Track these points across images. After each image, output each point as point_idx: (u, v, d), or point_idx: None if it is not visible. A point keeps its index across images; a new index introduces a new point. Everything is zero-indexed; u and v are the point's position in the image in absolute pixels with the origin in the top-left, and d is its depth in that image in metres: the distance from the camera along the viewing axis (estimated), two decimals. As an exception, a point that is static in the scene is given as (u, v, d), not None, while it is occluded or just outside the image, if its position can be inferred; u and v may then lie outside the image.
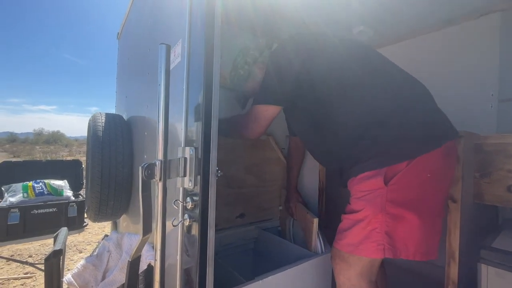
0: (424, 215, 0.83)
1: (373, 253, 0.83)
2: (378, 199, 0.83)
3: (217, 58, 0.70)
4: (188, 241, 0.75)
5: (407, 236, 0.83)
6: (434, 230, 0.87)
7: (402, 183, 0.82)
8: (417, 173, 0.82)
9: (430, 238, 0.86)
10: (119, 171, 1.32)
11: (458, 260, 0.93)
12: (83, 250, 3.11)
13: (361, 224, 0.85)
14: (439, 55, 1.55)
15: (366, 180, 0.86)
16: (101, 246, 1.16)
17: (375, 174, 0.84)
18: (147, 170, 0.61)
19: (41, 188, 1.85)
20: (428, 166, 0.83)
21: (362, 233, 0.85)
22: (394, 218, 0.82)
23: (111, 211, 1.36)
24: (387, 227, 0.82)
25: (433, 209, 0.86)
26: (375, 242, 0.83)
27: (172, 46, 0.88)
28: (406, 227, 0.82)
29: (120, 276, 0.94)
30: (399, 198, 0.82)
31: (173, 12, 0.93)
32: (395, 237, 0.83)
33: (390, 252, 0.82)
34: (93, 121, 1.42)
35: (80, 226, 1.88)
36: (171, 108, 0.72)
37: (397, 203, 0.82)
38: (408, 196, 0.83)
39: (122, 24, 1.93)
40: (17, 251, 2.96)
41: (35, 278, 2.41)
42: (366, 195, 0.86)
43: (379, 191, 0.83)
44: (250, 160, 1.55)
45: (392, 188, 0.82)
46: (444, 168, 0.87)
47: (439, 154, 0.83)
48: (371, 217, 0.84)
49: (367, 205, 0.85)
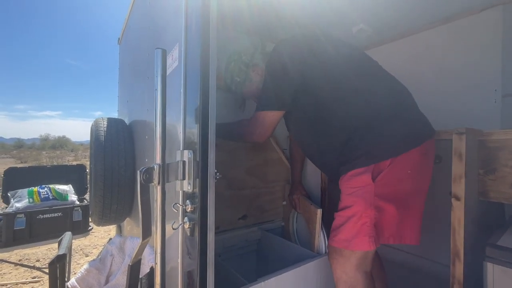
0: (400, 205, 0.92)
1: (366, 246, 0.89)
2: (367, 195, 0.89)
3: (214, 61, 0.70)
4: (189, 244, 0.75)
5: (385, 225, 0.92)
6: (410, 218, 0.96)
7: (387, 179, 0.90)
8: (400, 169, 0.90)
9: (405, 225, 0.95)
10: (121, 175, 1.33)
11: (463, 259, 0.91)
12: (89, 253, 3.14)
13: (353, 219, 0.91)
14: (440, 51, 1.53)
15: (355, 176, 0.92)
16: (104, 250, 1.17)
17: (364, 171, 0.90)
18: (145, 174, 0.62)
19: (46, 193, 1.87)
20: (409, 163, 0.91)
21: (354, 228, 0.91)
22: (380, 210, 0.90)
23: (114, 215, 1.37)
24: (375, 219, 0.90)
25: (411, 201, 0.95)
26: (366, 235, 0.89)
27: (170, 50, 0.88)
28: (386, 217, 0.91)
29: (123, 279, 0.95)
30: (384, 192, 0.90)
31: (170, 16, 0.93)
32: (378, 227, 0.91)
33: (378, 243, 0.91)
34: (95, 126, 1.44)
35: (85, 230, 1.89)
36: (169, 111, 0.72)
37: (382, 197, 0.90)
38: (391, 190, 0.91)
39: (123, 29, 1.95)
40: (25, 256, 3.00)
41: (42, 282, 2.44)
42: (356, 191, 0.91)
43: (368, 187, 0.90)
44: (251, 161, 1.55)
45: (379, 184, 0.89)
46: (422, 165, 0.94)
47: (418, 153, 0.92)
48: (362, 211, 0.90)
49: (357, 201, 0.91)
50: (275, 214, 1.68)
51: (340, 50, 1.02)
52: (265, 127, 1.06)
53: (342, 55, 1.02)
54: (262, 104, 1.04)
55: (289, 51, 1.00)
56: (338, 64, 0.99)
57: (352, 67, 0.99)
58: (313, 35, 1.06)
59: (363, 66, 1.02)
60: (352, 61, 1.01)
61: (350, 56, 1.03)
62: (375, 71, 1.03)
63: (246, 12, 1.37)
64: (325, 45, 1.02)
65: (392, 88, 1.00)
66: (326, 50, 1.01)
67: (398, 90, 1.01)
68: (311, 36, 1.06)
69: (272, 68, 1.03)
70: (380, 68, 1.04)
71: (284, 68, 0.98)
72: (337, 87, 0.97)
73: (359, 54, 1.06)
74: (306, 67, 0.98)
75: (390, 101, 0.96)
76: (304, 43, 1.03)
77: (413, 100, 1.02)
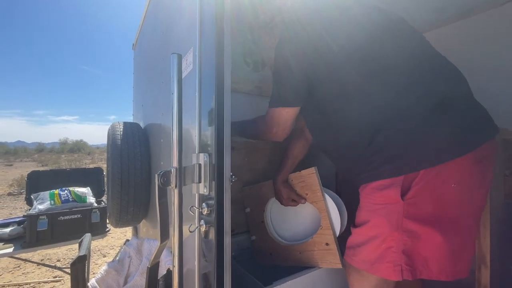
0: (449, 231, 0.72)
1: (390, 274, 0.74)
2: (394, 215, 0.73)
3: (228, 64, 0.70)
4: (205, 246, 0.76)
5: (428, 255, 0.73)
6: (464, 248, 0.74)
7: (422, 196, 0.71)
8: (440, 183, 0.70)
9: (458, 257, 0.74)
10: (137, 177, 1.36)
11: (490, 265, 0.87)
12: (107, 254, 3.23)
13: (375, 241, 0.76)
14: (461, 46, 1.48)
15: (379, 190, 0.75)
16: (122, 252, 1.20)
17: (391, 184, 0.73)
18: (163, 178, 0.62)
19: (66, 195, 1.93)
20: (454, 175, 0.70)
21: (376, 251, 0.76)
22: (412, 235, 0.72)
23: (131, 217, 1.40)
24: (404, 246, 0.73)
25: (463, 224, 0.73)
26: (391, 262, 0.74)
27: (184, 54, 0.89)
28: (427, 246, 0.72)
29: (141, 281, 0.97)
30: (418, 213, 0.72)
31: (184, 21, 0.95)
32: (414, 257, 0.73)
33: (409, 273, 0.73)
34: (112, 130, 1.48)
35: (103, 231, 1.94)
36: (185, 115, 0.73)
37: (416, 219, 0.72)
38: (429, 210, 0.72)
39: (137, 35, 2.00)
40: (47, 256, 3.12)
41: (63, 281, 2.53)
42: (380, 209, 0.75)
43: (395, 206, 0.73)
44: (267, 165, 1.54)
45: (409, 202, 0.71)
46: (475, 175, 0.72)
47: (469, 161, 0.69)
48: (386, 234, 0.74)
49: (381, 221, 0.75)
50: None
51: (372, 18, 0.82)
52: (281, 125, 0.95)
53: (375, 24, 0.80)
54: (273, 101, 0.93)
55: (295, 48, 0.85)
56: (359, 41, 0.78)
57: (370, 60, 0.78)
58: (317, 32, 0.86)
59: (386, 56, 0.77)
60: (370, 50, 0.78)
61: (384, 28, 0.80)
62: (406, 59, 0.78)
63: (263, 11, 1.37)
64: (331, 45, 0.82)
65: (438, 76, 0.76)
66: (331, 49, 0.81)
67: (445, 79, 0.76)
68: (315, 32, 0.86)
69: (281, 62, 0.88)
70: (414, 54, 0.79)
71: (292, 64, 0.85)
72: (358, 69, 0.77)
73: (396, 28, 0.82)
74: (311, 65, 0.83)
75: (429, 93, 0.73)
76: (308, 41, 0.84)
77: (467, 90, 0.78)
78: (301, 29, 0.84)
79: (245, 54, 1.57)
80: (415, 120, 0.71)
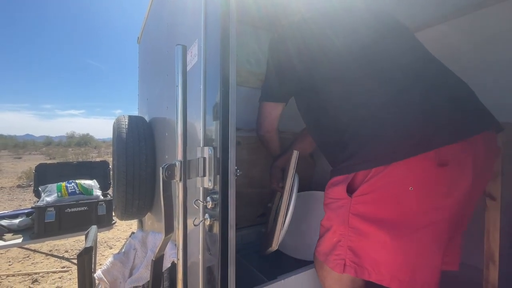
0: (404, 237, 0.67)
1: (334, 267, 0.76)
2: (342, 210, 0.74)
3: (233, 56, 0.69)
4: (210, 240, 0.76)
5: (378, 258, 0.70)
6: (428, 258, 0.68)
7: (372, 195, 0.69)
8: (392, 184, 0.66)
9: (419, 267, 0.68)
10: (142, 171, 1.37)
11: (499, 263, 0.85)
12: (113, 246, 3.29)
13: (328, 233, 0.79)
14: (472, 39, 1.43)
15: (334, 186, 0.78)
16: (128, 244, 1.21)
17: (342, 181, 0.74)
18: (168, 171, 0.62)
19: (73, 188, 1.96)
20: (409, 176, 0.65)
21: (330, 242, 0.78)
22: (359, 233, 0.71)
23: (136, 210, 1.42)
24: (351, 242, 0.73)
25: (428, 232, 0.67)
26: (337, 255, 0.75)
27: (189, 46, 0.88)
28: (377, 248, 0.70)
29: (145, 273, 0.98)
30: (367, 212, 0.70)
31: (189, 12, 0.93)
32: (363, 256, 0.72)
33: (352, 270, 0.72)
34: (117, 124, 1.48)
35: (109, 224, 1.97)
36: (189, 108, 0.72)
37: (364, 218, 0.70)
38: (381, 212, 0.69)
39: (142, 28, 1.99)
40: (55, 247, 3.19)
41: (71, 272, 2.59)
42: (332, 203, 0.79)
43: (343, 201, 0.74)
44: (272, 160, 1.53)
45: (358, 200, 0.70)
46: (442, 180, 0.65)
47: (429, 162, 0.63)
48: (335, 228, 0.76)
49: (332, 214, 0.78)
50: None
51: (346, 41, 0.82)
52: (267, 118, 1.00)
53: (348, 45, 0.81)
54: (262, 95, 1.00)
55: (292, 42, 0.89)
56: (346, 60, 0.80)
57: (359, 60, 0.78)
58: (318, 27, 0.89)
59: (378, 51, 0.78)
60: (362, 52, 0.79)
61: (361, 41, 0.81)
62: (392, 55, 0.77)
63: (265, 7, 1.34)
64: (334, 41, 0.83)
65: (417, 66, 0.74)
66: (332, 44, 0.82)
67: (431, 73, 0.74)
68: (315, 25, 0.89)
69: (274, 59, 0.94)
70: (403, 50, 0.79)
71: (286, 59, 0.89)
72: (345, 82, 0.79)
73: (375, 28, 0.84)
74: (308, 59, 0.85)
75: (408, 87, 0.69)
76: (308, 33, 0.87)
77: (459, 85, 0.74)
78: (306, 27, 0.87)
79: (248, 54, 1.54)
80: (378, 118, 0.69)
